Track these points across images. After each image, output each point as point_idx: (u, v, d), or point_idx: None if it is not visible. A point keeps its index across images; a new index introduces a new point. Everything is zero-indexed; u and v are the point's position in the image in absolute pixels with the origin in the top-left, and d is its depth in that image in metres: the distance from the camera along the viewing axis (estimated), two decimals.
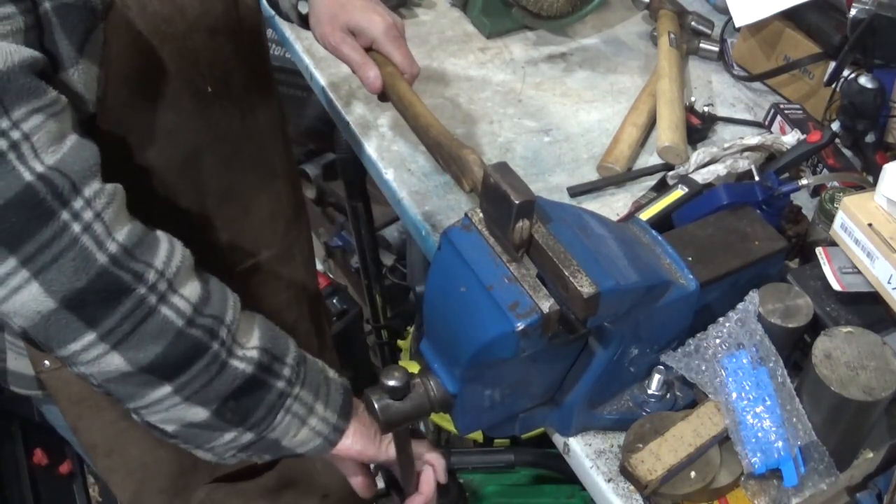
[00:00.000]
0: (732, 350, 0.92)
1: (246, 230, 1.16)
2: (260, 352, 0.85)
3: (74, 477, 2.00)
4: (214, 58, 1.00)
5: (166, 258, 0.78)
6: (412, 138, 1.25)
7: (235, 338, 0.83)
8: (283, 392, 0.86)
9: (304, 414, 0.88)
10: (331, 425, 0.90)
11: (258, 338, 0.86)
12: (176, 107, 0.97)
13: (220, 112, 1.04)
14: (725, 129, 1.40)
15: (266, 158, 1.17)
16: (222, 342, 0.81)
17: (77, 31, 0.81)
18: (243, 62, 1.06)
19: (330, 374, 0.93)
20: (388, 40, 1.12)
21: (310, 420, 0.89)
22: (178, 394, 0.80)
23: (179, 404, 0.81)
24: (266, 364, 0.85)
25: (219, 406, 0.83)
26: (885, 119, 1.27)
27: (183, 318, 0.78)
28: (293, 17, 1.22)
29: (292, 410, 0.87)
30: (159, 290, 0.77)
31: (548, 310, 0.80)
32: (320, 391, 0.90)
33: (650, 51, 1.57)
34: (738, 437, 0.89)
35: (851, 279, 0.99)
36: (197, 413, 0.82)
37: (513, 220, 0.79)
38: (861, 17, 1.26)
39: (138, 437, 1.17)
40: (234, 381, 0.82)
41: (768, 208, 1.07)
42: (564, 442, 0.98)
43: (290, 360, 0.87)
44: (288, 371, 0.87)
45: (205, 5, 0.96)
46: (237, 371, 0.82)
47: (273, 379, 0.85)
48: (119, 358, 0.76)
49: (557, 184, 1.28)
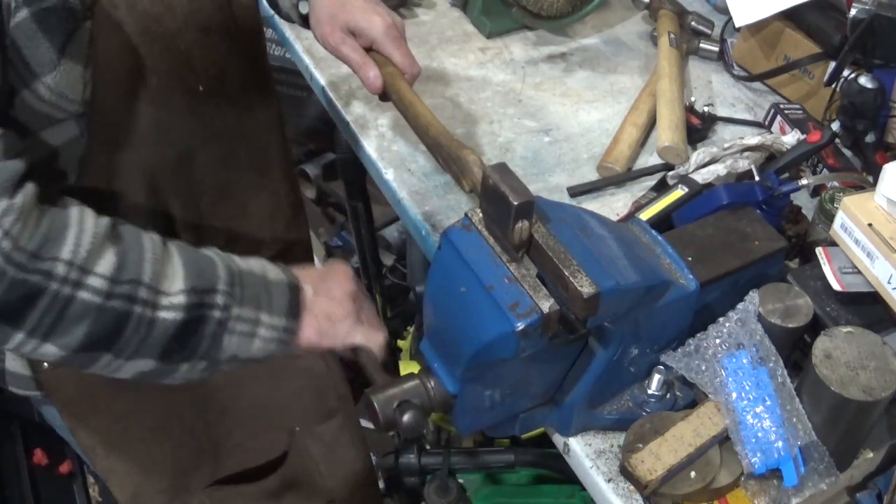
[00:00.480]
0: (732, 350, 0.92)
1: (244, 229, 1.16)
2: (186, 294, 0.85)
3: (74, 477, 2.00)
4: (207, 56, 1.00)
5: (74, 245, 0.80)
6: (412, 138, 1.25)
7: (159, 289, 0.84)
8: (221, 320, 0.87)
9: (250, 329, 0.89)
10: (280, 329, 0.91)
11: (182, 278, 0.86)
12: (168, 105, 0.97)
13: (215, 110, 1.04)
14: (725, 129, 1.40)
15: (264, 157, 1.17)
16: (144, 302, 0.83)
17: (57, 33, 0.83)
18: (239, 61, 1.06)
19: (271, 277, 0.92)
20: (389, 40, 1.12)
21: (258, 331, 0.90)
22: (119, 358, 0.84)
23: (124, 363, 0.85)
24: (195, 303, 0.85)
25: (162, 353, 0.85)
26: (885, 119, 1.27)
27: (100, 295, 0.81)
28: (294, 16, 1.22)
29: (237, 331, 0.88)
30: (71, 279, 0.79)
31: (548, 310, 0.80)
32: (262, 301, 0.90)
33: (650, 51, 1.57)
34: (738, 437, 0.89)
35: (851, 279, 0.99)
36: (145, 364, 0.86)
37: (512, 220, 0.79)
38: (861, 17, 1.26)
39: (137, 438, 1.18)
40: (167, 331, 0.84)
41: (768, 208, 1.07)
42: (564, 442, 0.98)
43: (222, 286, 0.88)
44: (221, 298, 0.87)
45: (195, 3, 0.96)
46: (167, 322, 0.84)
47: (207, 311, 0.86)
48: (52, 347, 0.81)
49: (557, 184, 1.28)
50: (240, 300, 0.88)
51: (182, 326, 0.85)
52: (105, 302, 0.81)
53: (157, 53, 0.93)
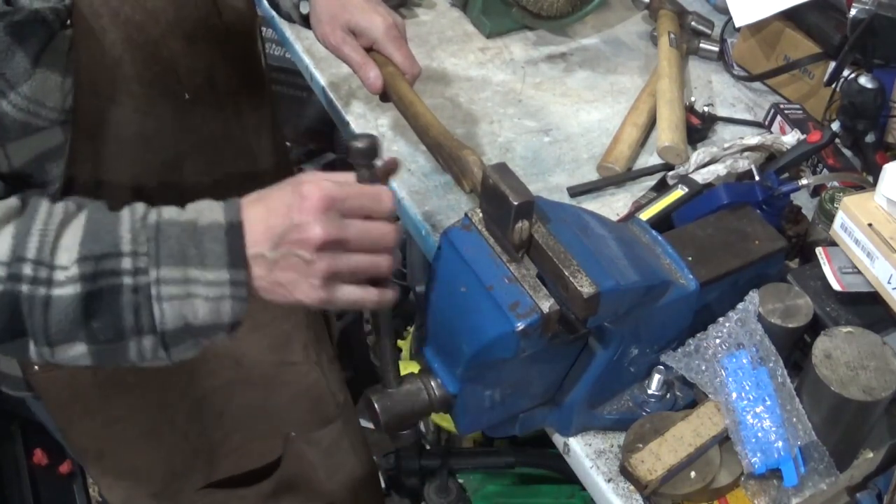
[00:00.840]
0: (732, 350, 0.92)
1: None
2: (80, 264, 0.75)
3: (74, 477, 2.00)
4: (193, 65, 0.99)
5: None
6: (412, 138, 1.25)
7: (53, 264, 0.75)
8: (135, 286, 0.76)
9: (182, 291, 0.76)
10: (225, 284, 0.77)
11: (76, 248, 0.76)
12: (153, 114, 0.96)
13: (201, 118, 1.03)
14: (725, 129, 1.40)
15: (253, 162, 1.15)
16: (32, 280, 0.75)
17: (31, 44, 0.82)
18: (228, 67, 1.05)
19: (203, 222, 0.78)
20: (389, 40, 1.12)
21: (195, 290, 0.77)
22: (43, 345, 0.77)
23: (55, 350, 0.78)
24: (90, 272, 0.75)
25: (85, 335, 0.77)
26: (885, 119, 1.27)
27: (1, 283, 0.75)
28: (294, 16, 1.22)
29: (166, 295, 0.76)
30: None
31: (548, 310, 0.80)
32: (188, 255, 0.77)
33: (650, 51, 1.56)
34: (738, 437, 0.89)
35: (851, 279, 0.99)
36: (78, 349, 0.78)
37: (512, 220, 0.79)
38: (861, 17, 1.26)
39: (128, 441, 1.17)
40: (70, 308, 0.75)
41: (768, 208, 1.07)
42: (564, 442, 0.98)
43: (126, 247, 0.76)
44: (128, 262, 0.76)
45: (180, 12, 0.95)
46: (65, 298, 0.75)
47: (112, 279, 0.76)
48: None
49: (557, 184, 1.28)
50: (156, 259, 0.76)
51: (85, 300, 0.75)
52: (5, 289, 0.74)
53: (140, 61, 0.92)
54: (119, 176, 0.97)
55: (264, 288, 0.79)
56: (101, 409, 1.12)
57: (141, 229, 0.78)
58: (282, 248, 0.77)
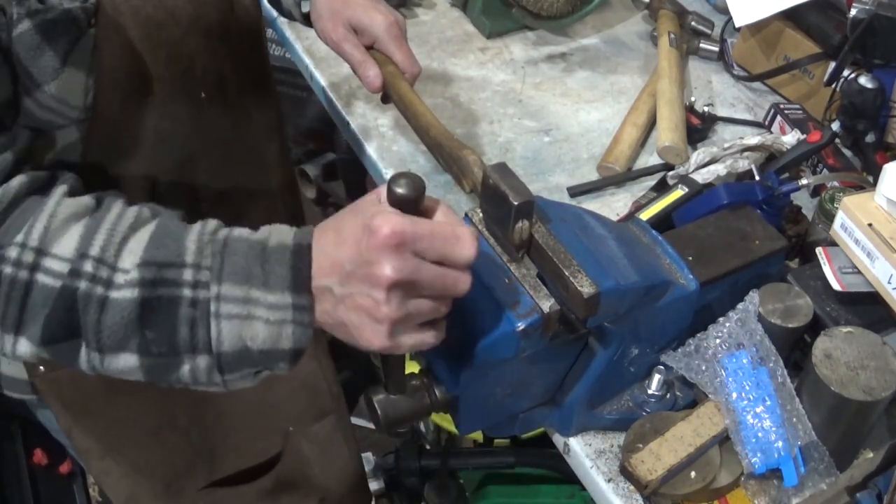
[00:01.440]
0: (732, 350, 0.92)
1: None
2: (141, 269, 0.73)
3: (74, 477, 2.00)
4: (209, 63, 0.99)
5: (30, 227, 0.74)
6: (412, 138, 1.25)
7: (116, 266, 0.73)
8: (194, 300, 0.73)
9: (242, 310, 0.73)
10: (288, 308, 0.73)
11: (140, 252, 0.74)
12: (170, 113, 0.96)
13: (214, 117, 1.03)
14: (725, 129, 1.40)
15: (261, 163, 1.16)
16: (92, 278, 0.73)
17: (61, 42, 0.81)
18: (239, 66, 1.06)
19: (272, 243, 0.74)
20: (390, 38, 1.12)
21: (257, 312, 0.73)
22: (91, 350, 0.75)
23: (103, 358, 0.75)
24: (152, 279, 0.73)
25: (137, 345, 0.74)
26: (885, 119, 1.27)
27: (60, 278, 0.73)
28: (296, 14, 1.22)
29: (225, 313, 0.73)
30: (25, 262, 0.73)
31: (548, 310, 0.80)
32: (253, 274, 0.73)
33: (650, 51, 1.57)
34: (738, 437, 0.89)
35: (851, 279, 0.99)
36: (126, 359, 0.75)
37: (512, 220, 0.79)
38: (861, 17, 1.26)
39: (132, 442, 1.17)
40: (125, 313, 0.73)
41: (768, 208, 1.07)
42: (564, 442, 0.98)
43: (190, 259, 0.74)
44: (190, 273, 0.73)
45: (199, 10, 0.95)
46: (122, 302, 0.73)
47: (172, 290, 0.73)
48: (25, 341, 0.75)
49: (557, 184, 1.28)
50: (218, 276, 0.73)
51: (142, 307, 0.73)
52: (66, 283, 0.73)
53: (161, 60, 0.92)
54: (133, 176, 0.97)
55: (328, 324, 0.75)
56: (105, 410, 1.12)
57: (208, 243, 0.75)
58: (351, 284, 0.71)
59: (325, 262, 0.73)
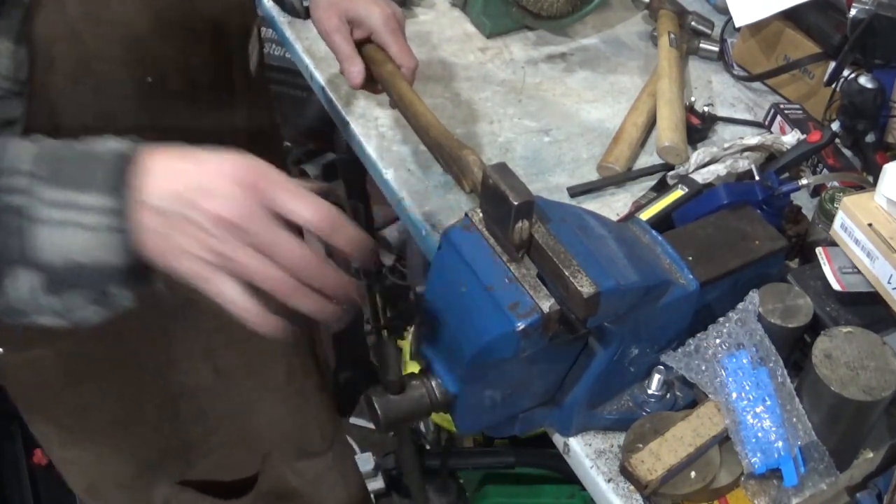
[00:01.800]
0: (732, 350, 0.92)
1: None
2: None
3: None
4: (159, 50, 0.95)
5: None
6: (412, 138, 1.25)
7: None
8: (21, 206, 0.68)
9: (65, 215, 0.68)
10: (104, 211, 0.67)
11: None
12: (114, 94, 0.93)
13: (166, 106, 0.98)
14: (725, 129, 1.40)
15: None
16: None
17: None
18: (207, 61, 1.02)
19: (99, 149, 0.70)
20: (387, 31, 1.11)
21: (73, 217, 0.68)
22: None
23: None
24: None
25: None
26: (885, 119, 1.27)
27: None
28: (297, 6, 1.22)
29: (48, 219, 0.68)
30: None
31: (548, 310, 0.80)
32: (77, 176, 0.69)
33: (650, 51, 1.56)
34: (738, 437, 0.89)
35: (851, 279, 0.99)
36: None
37: (512, 220, 0.79)
38: (861, 17, 1.26)
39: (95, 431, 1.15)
40: None
41: (768, 208, 1.07)
42: (564, 442, 0.98)
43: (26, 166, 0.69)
44: (23, 180, 0.68)
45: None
46: None
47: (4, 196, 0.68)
48: None
49: (557, 184, 1.28)
50: (48, 179, 0.68)
51: None
52: None
53: (102, 39, 0.88)
54: None
55: (154, 244, 0.69)
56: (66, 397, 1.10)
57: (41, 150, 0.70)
58: (178, 205, 0.67)
59: (157, 180, 0.69)
